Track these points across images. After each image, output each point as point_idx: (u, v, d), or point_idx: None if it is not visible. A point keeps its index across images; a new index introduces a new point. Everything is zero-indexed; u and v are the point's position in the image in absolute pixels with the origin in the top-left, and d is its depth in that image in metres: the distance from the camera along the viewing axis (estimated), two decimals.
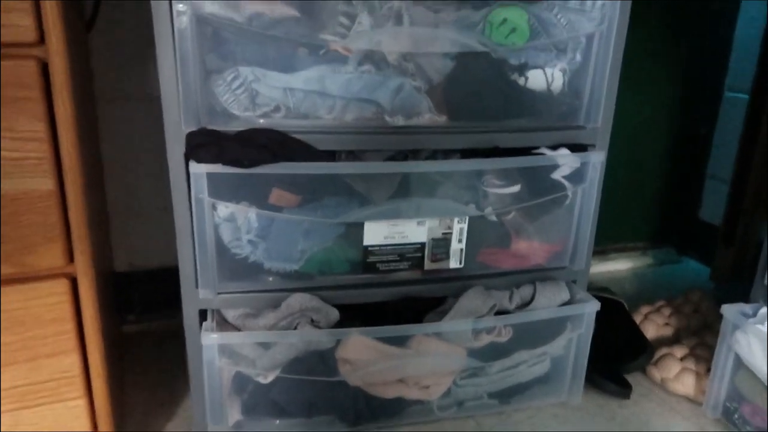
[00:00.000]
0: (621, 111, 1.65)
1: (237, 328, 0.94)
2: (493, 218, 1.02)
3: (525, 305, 1.04)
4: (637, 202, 1.78)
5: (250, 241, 0.90)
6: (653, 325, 1.33)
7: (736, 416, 1.05)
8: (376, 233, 0.95)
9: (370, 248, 0.96)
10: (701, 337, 1.25)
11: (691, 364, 1.18)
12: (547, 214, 1.05)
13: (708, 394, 1.10)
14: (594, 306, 1.05)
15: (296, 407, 0.99)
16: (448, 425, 1.07)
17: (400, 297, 1.00)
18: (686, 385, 1.15)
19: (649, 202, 1.80)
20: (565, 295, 1.04)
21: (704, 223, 1.77)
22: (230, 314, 0.95)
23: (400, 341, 0.97)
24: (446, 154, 0.97)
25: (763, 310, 1.01)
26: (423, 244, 0.98)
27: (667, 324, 1.34)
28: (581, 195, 1.04)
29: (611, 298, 1.39)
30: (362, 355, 0.94)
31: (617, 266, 1.78)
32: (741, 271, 1.61)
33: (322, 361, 0.95)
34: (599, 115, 1.00)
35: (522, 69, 0.95)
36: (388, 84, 0.90)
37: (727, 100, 1.70)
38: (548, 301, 1.03)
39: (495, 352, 1.03)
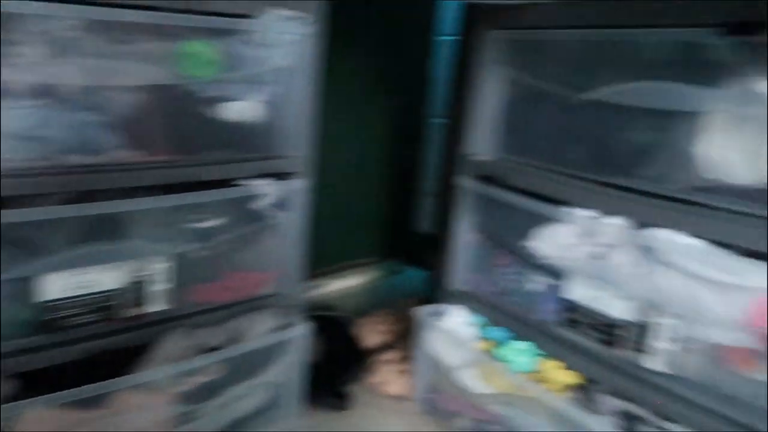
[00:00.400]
0: (343, 139, 1.77)
1: None
2: (202, 253, 0.97)
3: (235, 339, 1.01)
4: (364, 221, 1.88)
5: None
6: (371, 334, 1.42)
7: (436, 405, 1.18)
8: (57, 286, 0.83)
9: (51, 304, 0.83)
10: (410, 339, 1.38)
11: (400, 366, 1.29)
12: (256, 243, 1.04)
13: (413, 391, 1.22)
14: (305, 329, 1.07)
15: None
16: None
17: (92, 353, 0.89)
18: (397, 386, 1.26)
19: (376, 220, 1.91)
20: (274, 323, 1.05)
21: (422, 234, 1.95)
22: None
23: (94, 403, 0.86)
24: (149, 191, 0.89)
25: (448, 307, 1.16)
26: (119, 291, 0.89)
27: (385, 331, 1.45)
28: (287, 222, 1.05)
29: (332, 316, 1.45)
30: (45, 428, 0.81)
31: (351, 282, 1.85)
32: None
33: None
34: (300, 145, 1.02)
35: (217, 101, 0.92)
36: (63, 119, 0.78)
37: (432, 126, 1.90)
38: (257, 330, 1.02)
39: (207, 392, 0.98)
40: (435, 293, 1.23)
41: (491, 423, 1.07)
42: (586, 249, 0.92)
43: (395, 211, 1.95)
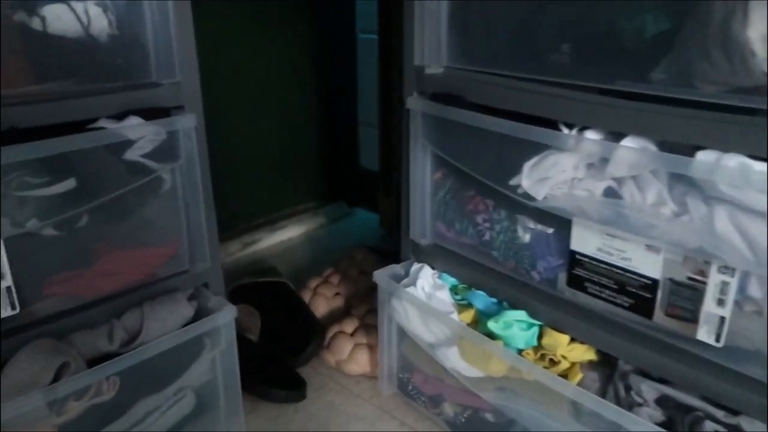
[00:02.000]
0: (256, 66, 1.51)
1: None
2: (51, 231, 0.70)
3: (135, 339, 0.75)
4: (298, 162, 1.62)
5: None
6: (323, 300, 1.18)
7: (410, 388, 0.94)
8: None
9: None
10: (371, 302, 1.14)
11: (362, 338, 1.05)
12: (139, 209, 0.77)
13: (380, 370, 0.98)
14: (231, 313, 0.82)
15: None
16: None
17: None
18: (360, 363, 1.02)
19: (311, 160, 1.66)
20: (187, 311, 0.79)
21: (366, 171, 1.70)
22: None
23: None
24: None
25: (415, 267, 0.90)
26: None
27: (337, 294, 1.20)
28: (181, 174, 0.78)
29: (275, 281, 1.20)
30: None
31: (290, 234, 1.61)
32: None
33: None
34: (176, 67, 0.73)
35: (33, 7, 0.63)
36: None
37: (361, 42, 1.62)
38: (162, 325, 0.76)
39: (107, 414, 0.73)
40: (395, 250, 0.98)
41: (484, 411, 0.84)
42: (596, 183, 0.66)
43: (331, 147, 1.68)
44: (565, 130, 0.66)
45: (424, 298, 0.84)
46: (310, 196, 1.70)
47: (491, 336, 0.76)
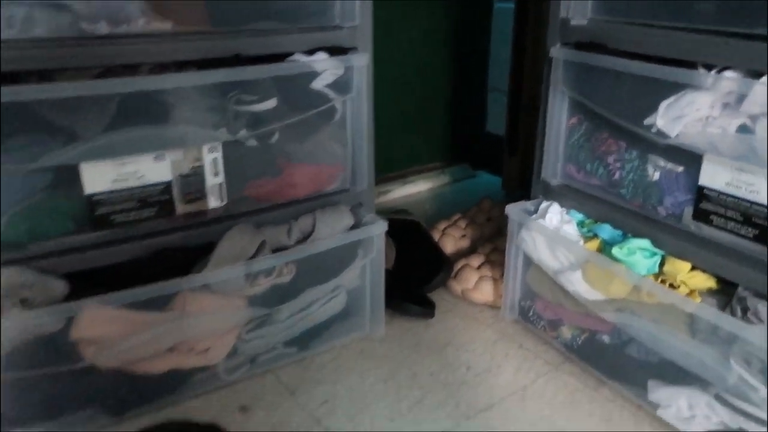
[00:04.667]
0: (398, 30, 1.64)
1: None
2: (253, 143, 0.87)
3: (306, 237, 0.91)
4: (429, 123, 1.75)
5: None
6: (451, 239, 1.30)
7: (530, 314, 1.04)
8: (100, 177, 0.75)
9: (96, 197, 0.76)
10: (495, 243, 1.24)
11: (487, 271, 1.16)
12: (317, 132, 0.93)
13: (504, 298, 1.08)
14: (382, 227, 0.96)
15: (37, 413, 0.78)
16: (243, 387, 0.93)
17: (155, 251, 0.82)
18: (485, 293, 1.13)
19: (441, 122, 1.78)
20: (349, 220, 0.94)
21: (491, 135, 1.80)
22: None
23: (157, 304, 0.79)
24: (180, 67, 0.78)
25: (544, 204, 1.00)
26: (169, 184, 0.81)
27: (463, 236, 1.32)
28: (351, 106, 0.93)
29: (408, 219, 1.33)
30: (106, 330, 0.75)
31: (417, 188, 1.75)
32: (528, 178, 1.66)
33: (54, 348, 0.74)
34: (356, 12, 0.88)
35: None
36: None
37: (498, 11, 1.71)
38: (330, 229, 0.91)
39: (280, 296, 0.90)
40: (527, 189, 1.07)
41: (601, 333, 0.92)
42: (730, 121, 0.72)
43: (461, 110, 1.79)
44: (703, 71, 0.73)
45: (552, 228, 0.94)
46: (437, 156, 1.82)
47: (617, 262, 0.85)
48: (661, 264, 0.83)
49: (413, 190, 1.73)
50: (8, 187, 0.69)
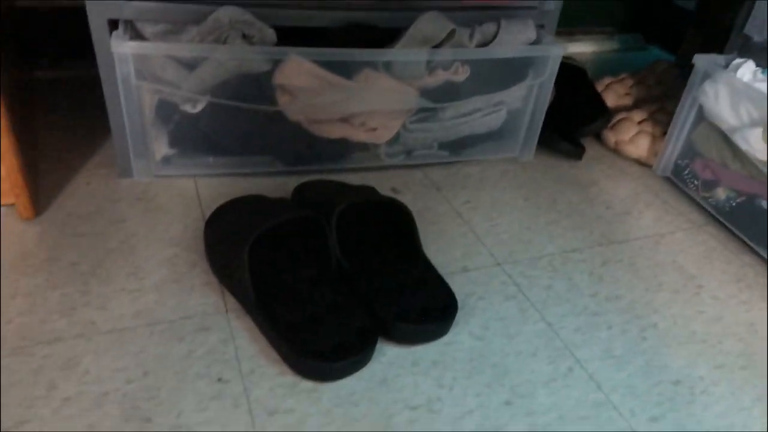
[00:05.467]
0: None
1: None
2: None
3: (486, 44, 0.93)
4: None
5: None
6: (614, 94, 1.27)
7: (686, 172, 1.03)
8: None
9: None
10: (662, 103, 1.20)
11: (648, 126, 1.14)
12: None
13: (661, 153, 1.07)
14: (560, 50, 0.96)
15: (229, 141, 0.91)
16: (394, 173, 1.02)
17: (348, 24, 0.88)
18: (640, 147, 1.12)
19: None
20: (532, 34, 0.94)
21: (677, 8, 1.65)
22: (148, 30, 0.81)
23: (345, 71, 0.86)
24: None
25: (737, 60, 0.94)
26: None
27: (628, 94, 1.28)
28: None
29: (574, 64, 1.30)
30: (302, 81, 0.84)
31: (582, 48, 1.68)
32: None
33: (257, 86, 0.84)
34: None
35: None
36: None
37: None
38: (512, 38, 0.93)
39: (449, 94, 0.95)
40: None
41: (761, 198, 0.90)
42: None
43: None
44: None
45: (743, 82, 0.89)
46: (611, 19, 1.72)
47: None
48: None
49: (577, 49, 1.67)
50: None
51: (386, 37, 0.91)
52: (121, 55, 0.76)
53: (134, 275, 0.74)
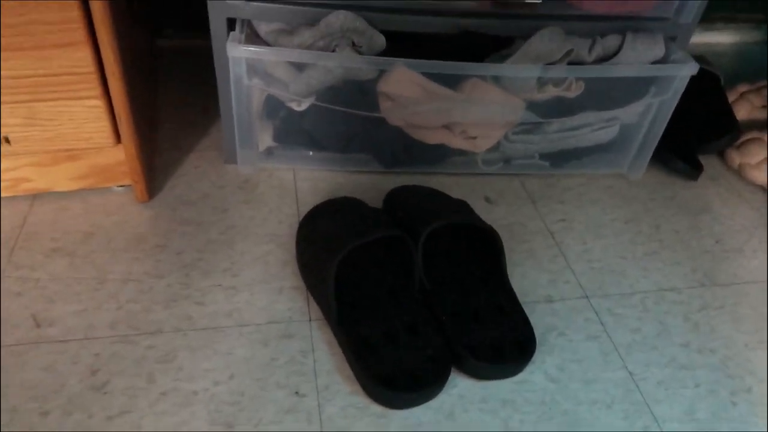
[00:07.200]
0: None
1: (269, 45, 0.82)
2: None
3: (606, 59, 0.87)
4: None
5: None
6: (747, 106, 1.15)
7: None
8: None
9: None
10: None
11: None
12: None
13: None
14: (691, 69, 0.88)
15: (330, 140, 0.92)
16: (490, 180, 1.00)
17: (459, 31, 0.85)
18: (764, 173, 1.02)
19: None
20: (660, 51, 0.87)
21: None
22: (263, 28, 0.83)
23: (451, 81, 0.84)
24: None
25: None
26: None
27: (763, 107, 1.16)
28: None
29: (705, 69, 1.19)
30: (406, 91, 0.83)
31: (722, 38, 1.52)
32: None
33: (361, 93, 0.85)
34: None
35: None
36: None
37: None
38: (637, 55, 0.86)
39: (558, 109, 0.90)
40: None
41: None
42: None
43: None
44: None
45: None
46: (758, 6, 1.53)
47: None
48: None
49: (717, 39, 1.51)
50: None
51: (498, 43, 0.87)
52: (236, 58, 0.79)
53: (230, 271, 0.79)
